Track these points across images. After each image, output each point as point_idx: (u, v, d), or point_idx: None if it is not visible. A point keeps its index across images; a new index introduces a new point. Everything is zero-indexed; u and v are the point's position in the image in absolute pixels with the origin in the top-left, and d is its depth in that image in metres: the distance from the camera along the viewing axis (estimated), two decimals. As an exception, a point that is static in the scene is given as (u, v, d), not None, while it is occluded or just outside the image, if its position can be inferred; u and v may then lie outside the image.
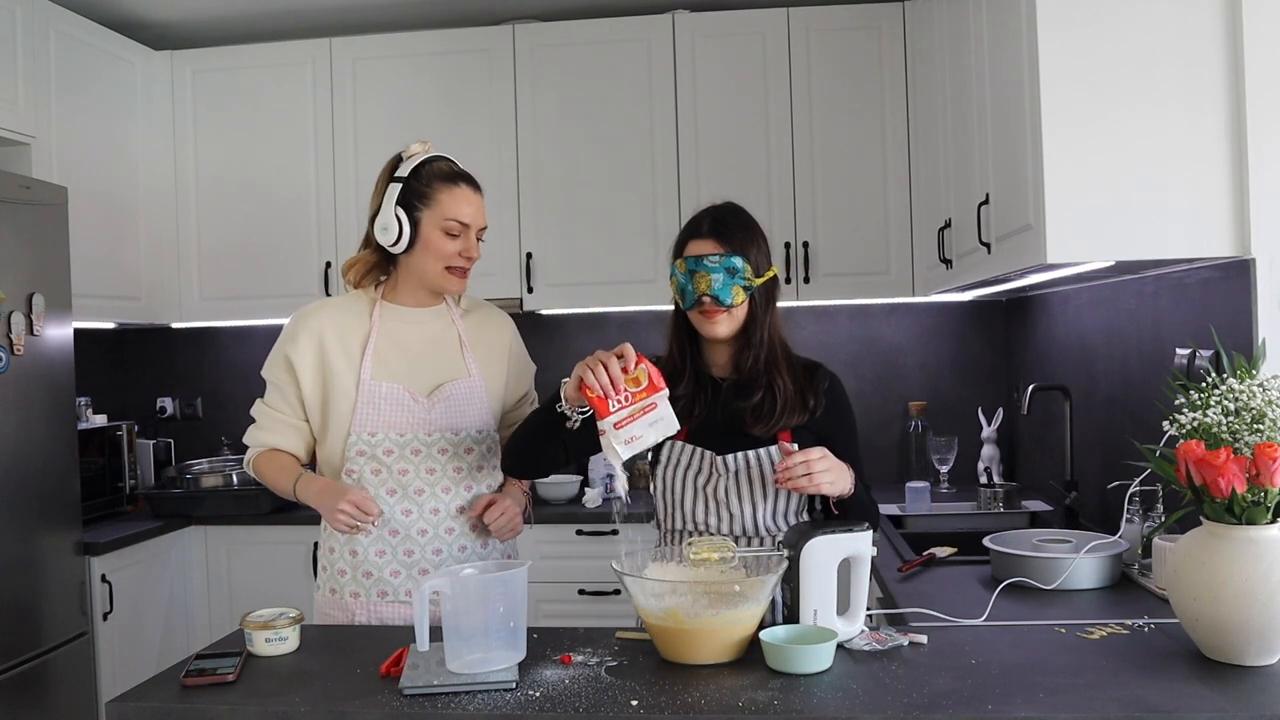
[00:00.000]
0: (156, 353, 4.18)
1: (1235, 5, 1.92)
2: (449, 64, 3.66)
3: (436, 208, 2.01)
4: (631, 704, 1.43)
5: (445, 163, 2.06)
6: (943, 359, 3.84)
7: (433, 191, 2.01)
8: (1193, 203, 1.96)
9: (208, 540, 3.51)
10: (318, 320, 2.06)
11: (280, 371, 2.07)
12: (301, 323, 2.07)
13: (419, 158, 2.04)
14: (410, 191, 2.01)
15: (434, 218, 2.01)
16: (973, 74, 2.53)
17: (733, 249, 1.88)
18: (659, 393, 1.74)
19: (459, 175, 2.05)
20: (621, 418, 1.73)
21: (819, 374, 1.97)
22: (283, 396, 2.08)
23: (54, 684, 2.89)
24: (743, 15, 3.56)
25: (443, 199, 2.01)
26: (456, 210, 2.01)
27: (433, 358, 2.09)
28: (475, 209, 2.05)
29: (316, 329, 2.06)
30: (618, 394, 1.72)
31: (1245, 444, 1.49)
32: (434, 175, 2.02)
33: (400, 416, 2.03)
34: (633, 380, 1.74)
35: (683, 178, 3.56)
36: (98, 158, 3.47)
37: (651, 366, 1.75)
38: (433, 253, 2.02)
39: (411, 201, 2.01)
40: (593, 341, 3.94)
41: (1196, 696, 1.39)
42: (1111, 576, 2.09)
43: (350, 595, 2.04)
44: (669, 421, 1.75)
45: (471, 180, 2.06)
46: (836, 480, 1.79)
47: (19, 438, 2.82)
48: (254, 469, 2.12)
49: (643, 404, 1.73)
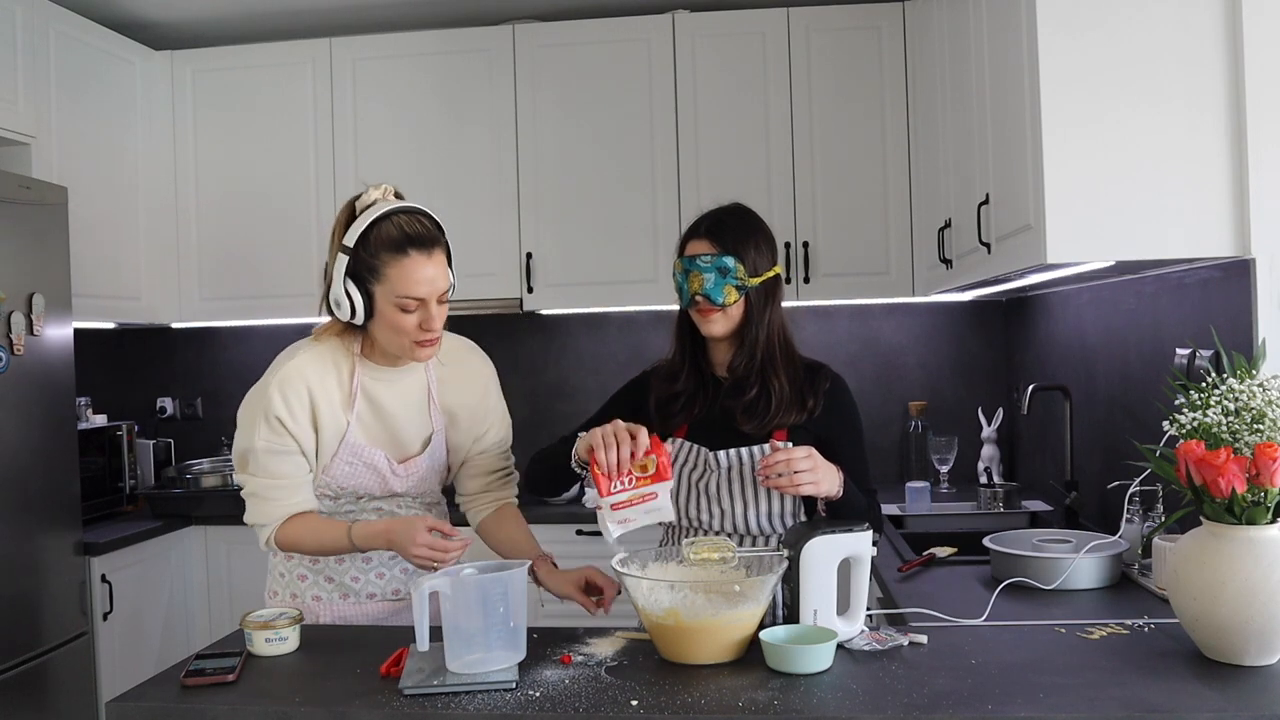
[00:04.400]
0: (156, 353, 4.17)
1: (1235, 5, 1.92)
2: (449, 64, 3.66)
3: (386, 283, 1.82)
4: (631, 704, 1.43)
5: (394, 224, 1.83)
6: (943, 359, 3.83)
7: (381, 265, 1.81)
8: (1193, 203, 1.96)
9: (208, 540, 3.51)
10: (302, 379, 1.91)
11: (271, 436, 1.91)
12: (287, 386, 1.90)
13: (370, 216, 1.83)
14: (359, 263, 1.82)
15: (385, 293, 1.83)
16: (973, 74, 2.53)
17: (725, 249, 1.90)
18: (663, 483, 1.74)
19: (409, 240, 1.82)
20: (620, 500, 1.74)
21: (821, 374, 1.97)
22: (281, 459, 1.92)
23: (54, 684, 2.89)
24: (743, 15, 3.55)
25: (391, 275, 1.81)
26: (407, 286, 1.81)
27: (405, 417, 2.00)
28: (431, 276, 1.83)
29: (303, 386, 1.91)
30: (622, 477, 1.73)
31: (1245, 444, 1.49)
32: (381, 244, 1.81)
33: (373, 481, 1.99)
34: (640, 466, 1.73)
35: (683, 178, 3.56)
36: (98, 158, 3.47)
37: (663, 455, 1.75)
38: (390, 327, 1.85)
39: (361, 274, 1.83)
40: (593, 341, 3.94)
41: (1196, 696, 1.39)
42: (1111, 576, 2.09)
43: (313, 599, 2.03)
44: (666, 511, 1.75)
45: (423, 241, 1.83)
46: (821, 481, 1.78)
47: (19, 438, 2.82)
48: (278, 544, 1.95)
49: (644, 491, 1.74)
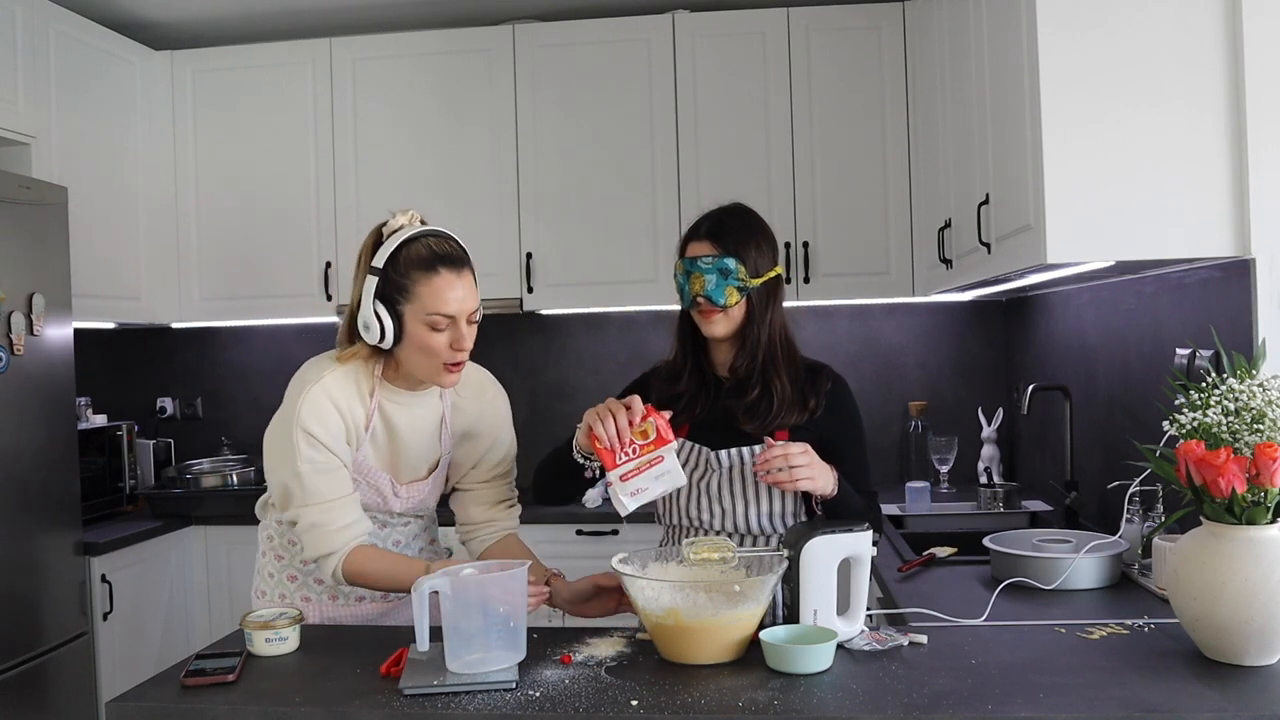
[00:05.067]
0: (156, 353, 4.17)
1: (1235, 5, 1.92)
2: (449, 64, 3.66)
3: (417, 301, 1.82)
4: (631, 704, 1.43)
5: (424, 244, 1.84)
6: (943, 359, 3.83)
7: (411, 284, 1.81)
8: (1193, 203, 1.96)
9: (208, 540, 3.51)
10: (328, 398, 1.87)
11: (314, 455, 1.85)
12: (319, 405, 1.86)
13: (397, 239, 1.84)
14: (388, 283, 1.82)
15: (416, 312, 1.82)
16: (973, 74, 2.52)
17: (726, 250, 1.90)
18: (666, 446, 1.76)
19: (439, 259, 1.83)
20: (628, 470, 1.75)
21: (822, 374, 1.98)
22: (327, 479, 1.86)
23: (54, 684, 2.89)
24: (743, 15, 3.55)
25: (422, 292, 1.81)
26: (437, 303, 1.81)
27: (417, 442, 1.99)
28: (461, 294, 1.83)
29: (330, 405, 1.87)
30: (624, 447, 1.74)
31: (1245, 444, 1.49)
32: (411, 264, 1.82)
33: (372, 499, 1.99)
34: (640, 433, 1.75)
35: (683, 178, 3.56)
36: (98, 158, 3.47)
37: (661, 419, 1.77)
38: (420, 349, 1.84)
39: (391, 294, 1.82)
40: (593, 341, 3.94)
41: (1196, 696, 1.39)
42: (1111, 576, 2.09)
43: (302, 599, 2.03)
44: (675, 474, 1.76)
45: (453, 260, 1.84)
46: (817, 477, 1.79)
47: (19, 438, 2.81)
48: (345, 575, 1.87)
49: (649, 457, 1.75)
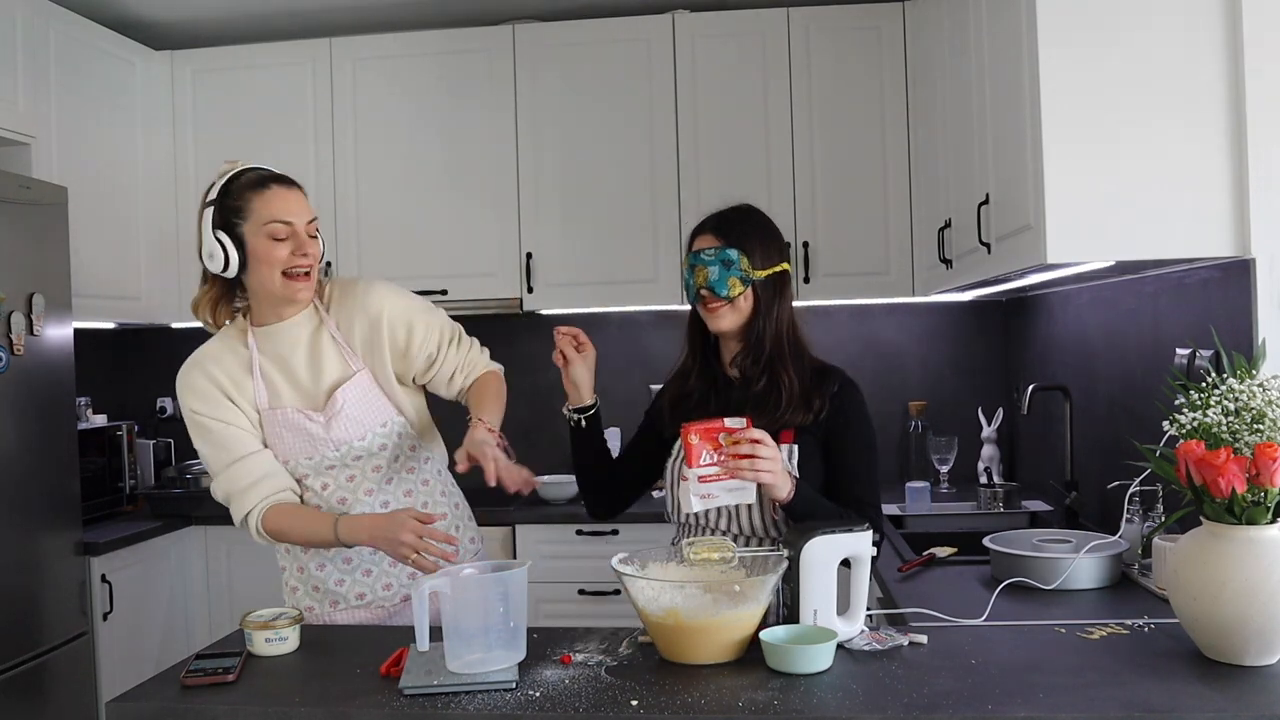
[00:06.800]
0: (156, 353, 4.16)
1: (1235, 6, 1.92)
2: (449, 64, 3.66)
3: (254, 217, 1.91)
4: (631, 704, 1.43)
5: (253, 172, 1.95)
6: (943, 359, 3.83)
7: (245, 204, 1.91)
8: (1193, 203, 1.96)
9: (208, 540, 3.51)
10: (202, 370, 1.99)
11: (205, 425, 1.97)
12: (192, 380, 1.99)
13: (226, 176, 1.95)
14: (225, 210, 1.92)
15: (255, 228, 1.91)
16: (973, 73, 2.52)
17: (729, 241, 1.89)
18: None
19: (268, 178, 1.94)
20: (708, 474, 1.73)
21: (830, 377, 1.95)
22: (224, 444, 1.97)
23: (54, 684, 2.89)
24: (743, 15, 3.55)
25: (257, 206, 1.91)
26: (272, 211, 1.91)
27: (314, 367, 2.01)
28: (295, 204, 1.94)
29: (207, 377, 1.98)
30: (717, 450, 1.72)
31: (1245, 444, 1.49)
32: (243, 187, 1.93)
33: (303, 440, 1.99)
34: (732, 442, 1.73)
35: (683, 178, 3.56)
36: (98, 158, 3.47)
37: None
38: (265, 263, 1.92)
39: (228, 220, 1.91)
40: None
41: (1196, 696, 1.39)
42: (1111, 576, 2.09)
43: (305, 609, 2.04)
44: (748, 493, 1.75)
45: (283, 179, 1.96)
46: (776, 475, 1.73)
47: (19, 438, 2.82)
48: (268, 533, 1.97)
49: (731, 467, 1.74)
